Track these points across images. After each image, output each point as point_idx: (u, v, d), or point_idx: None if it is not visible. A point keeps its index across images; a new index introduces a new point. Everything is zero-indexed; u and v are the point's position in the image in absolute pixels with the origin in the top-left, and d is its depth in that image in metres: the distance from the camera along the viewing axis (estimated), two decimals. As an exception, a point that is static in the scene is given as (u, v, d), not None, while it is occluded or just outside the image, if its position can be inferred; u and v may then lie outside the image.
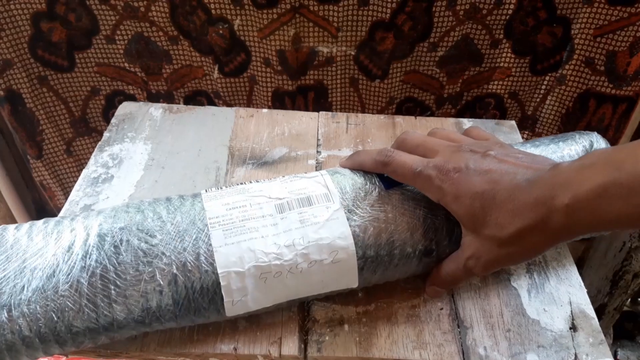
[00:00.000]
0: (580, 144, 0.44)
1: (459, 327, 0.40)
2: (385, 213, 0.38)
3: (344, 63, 0.68)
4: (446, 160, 0.35)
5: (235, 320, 0.39)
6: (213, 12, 0.63)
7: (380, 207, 0.38)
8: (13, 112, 0.70)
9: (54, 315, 0.32)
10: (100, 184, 0.50)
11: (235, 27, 0.65)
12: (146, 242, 0.35)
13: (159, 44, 0.67)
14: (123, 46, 0.67)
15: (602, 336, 0.40)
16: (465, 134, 0.42)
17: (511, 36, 0.66)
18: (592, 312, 0.41)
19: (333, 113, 0.60)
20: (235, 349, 0.37)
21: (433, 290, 0.40)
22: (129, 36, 0.66)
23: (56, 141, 0.74)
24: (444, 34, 0.65)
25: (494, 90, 0.72)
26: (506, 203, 0.32)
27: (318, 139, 0.56)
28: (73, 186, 0.50)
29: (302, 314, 0.40)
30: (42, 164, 0.75)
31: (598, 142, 0.44)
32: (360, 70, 0.68)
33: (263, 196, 0.38)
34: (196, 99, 0.73)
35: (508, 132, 0.59)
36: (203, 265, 0.34)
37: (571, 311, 0.41)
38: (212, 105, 0.73)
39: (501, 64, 0.69)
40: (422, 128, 0.58)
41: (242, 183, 0.41)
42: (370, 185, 0.39)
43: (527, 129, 0.75)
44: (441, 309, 0.41)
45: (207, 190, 0.39)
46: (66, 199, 0.49)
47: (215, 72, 0.69)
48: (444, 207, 0.37)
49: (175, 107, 0.60)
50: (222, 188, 0.40)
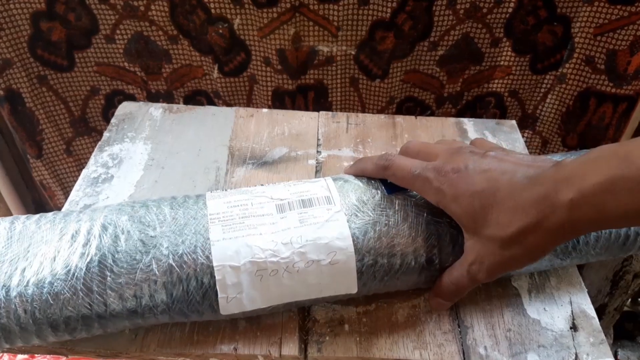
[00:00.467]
0: None
1: (459, 327, 0.40)
2: (387, 217, 0.38)
3: (344, 62, 0.67)
4: (445, 161, 0.35)
5: (235, 321, 0.39)
6: (213, 11, 0.63)
7: (382, 212, 0.38)
8: (13, 111, 0.70)
9: (49, 298, 0.32)
10: (100, 184, 0.50)
11: (235, 27, 0.65)
12: (146, 234, 0.35)
13: (159, 43, 0.67)
14: (123, 46, 0.67)
15: (603, 336, 0.40)
16: (471, 144, 0.41)
17: (511, 35, 0.66)
18: (592, 312, 0.41)
19: (333, 113, 0.60)
20: (235, 349, 0.37)
21: (437, 303, 0.39)
22: (129, 35, 0.66)
23: (56, 141, 0.74)
24: (444, 33, 0.65)
25: (494, 89, 0.71)
26: (507, 201, 0.31)
27: (318, 139, 0.56)
28: (73, 186, 0.50)
29: (302, 314, 0.40)
30: (42, 163, 0.75)
31: None
32: (361, 69, 0.68)
33: (265, 197, 0.38)
34: (196, 99, 0.73)
35: (508, 132, 0.59)
36: (199, 258, 0.34)
37: (572, 311, 0.41)
38: (211, 105, 0.73)
39: (501, 63, 0.69)
40: (423, 128, 0.58)
41: (247, 187, 0.41)
42: (373, 190, 0.39)
43: (528, 128, 0.75)
44: (442, 308, 0.41)
45: (211, 191, 0.40)
46: (66, 198, 0.49)
47: (215, 71, 0.69)
48: (447, 215, 0.36)
49: (175, 107, 0.60)
50: (226, 190, 0.40)
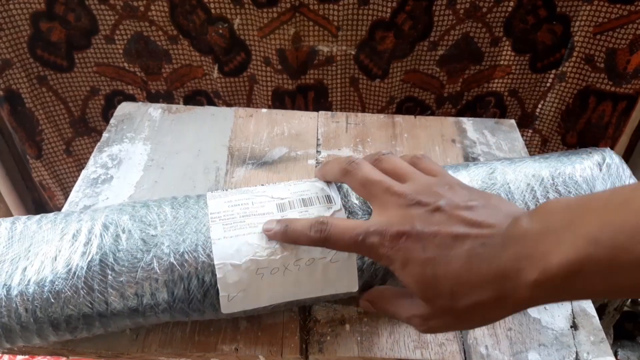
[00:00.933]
0: (591, 159, 0.42)
1: (460, 327, 0.40)
2: None
3: (344, 62, 0.67)
4: (389, 222, 0.31)
5: (237, 321, 0.39)
6: (213, 11, 0.63)
7: None
8: (12, 112, 0.70)
9: (50, 297, 0.33)
10: (100, 184, 0.49)
11: (235, 27, 0.64)
12: (147, 233, 0.35)
13: (159, 43, 0.67)
14: (122, 46, 0.67)
15: (603, 334, 0.40)
16: (412, 163, 0.36)
17: (511, 34, 0.66)
18: (592, 311, 0.41)
19: (332, 113, 0.60)
20: (236, 349, 0.37)
21: (366, 305, 0.37)
22: (129, 36, 0.66)
23: (56, 141, 0.74)
24: (444, 32, 0.65)
25: (494, 89, 0.71)
26: (461, 272, 0.29)
27: (318, 139, 0.56)
28: (72, 186, 0.50)
29: (303, 314, 0.40)
30: (41, 163, 0.75)
31: (612, 158, 0.43)
32: (361, 69, 0.68)
33: (265, 196, 0.38)
34: (196, 99, 0.73)
35: (508, 131, 0.59)
36: (200, 257, 0.34)
37: (572, 310, 0.41)
38: (211, 105, 0.73)
39: (501, 62, 0.69)
40: (422, 127, 0.58)
41: (248, 187, 0.41)
42: None
43: (528, 127, 0.75)
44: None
45: (212, 192, 0.40)
46: (66, 199, 0.49)
47: (215, 71, 0.69)
48: None
49: (174, 107, 0.60)
50: (227, 190, 0.40)
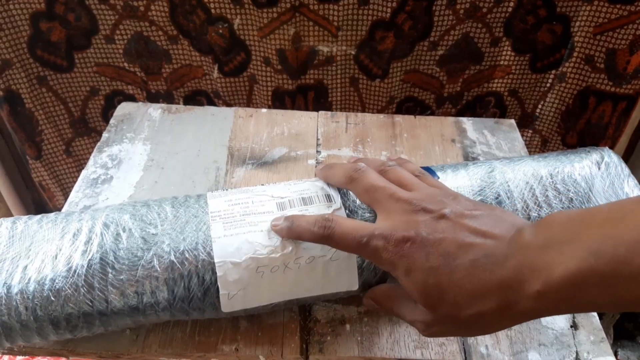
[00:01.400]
0: (590, 158, 0.42)
1: (460, 327, 0.40)
2: None
3: (344, 62, 0.67)
4: (394, 227, 0.32)
5: (237, 321, 0.39)
6: (213, 11, 0.63)
7: None
8: (12, 112, 0.69)
9: (50, 295, 0.33)
10: (100, 185, 0.49)
11: (235, 27, 0.64)
12: (147, 232, 0.36)
13: (159, 43, 0.67)
14: (122, 46, 0.67)
15: (603, 334, 0.40)
16: (415, 177, 0.36)
17: (511, 34, 0.66)
18: (593, 311, 0.41)
19: (332, 112, 0.60)
20: (236, 349, 0.37)
21: (370, 303, 0.37)
22: (129, 36, 0.66)
23: (55, 141, 0.74)
24: (444, 32, 0.65)
25: (494, 89, 0.71)
26: (465, 282, 0.29)
27: (318, 139, 0.56)
28: (72, 186, 0.50)
29: (303, 314, 0.40)
30: (41, 164, 0.75)
31: (610, 157, 0.43)
32: (361, 69, 0.68)
33: (265, 195, 0.38)
34: (196, 99, 0.73)
35: (507, 131, 0.59)
36: (201, 255, 0.35)
37: (572, 310, 0.41)
38: (211, 105, 0.73)
39: (501, 62, 0.69)
40: (422, 127, 0.58)
41: (248, 186, 0.41)
42: None
43: (528, 127, 0.75)
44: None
45: (212, 191, 0.40)
46: (65, 199, 0.49)
47: (215, 71, 0.69)
48: None
49: (174, 107, 0.60)
50: (227, 189, 0.40)
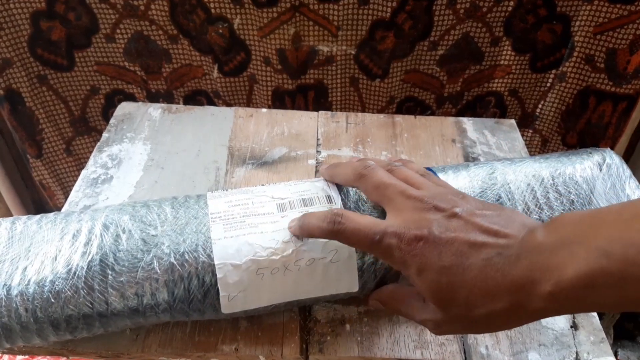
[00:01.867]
0: (591, 159, 0.42)
1: (460, 327, 0.40)
2: None
3: (344, 62, 0.67)
4: (406, 225, 0.32)
5: (237, 321, 0.39)
6: (213, 11, 0.63)
7: (383, 211, 0.38)
8: (12, 111, 0.69)
9: (50, 297, 0.33)
10: (100, 184, 0.49)
11: (235, 26, 0.64)
12: (147, 233, 0.35)
13: (159, 43, 0.67)
14: (123, 45, 0.67)
15: (603, 334, 0.40)
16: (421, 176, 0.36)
17: (511, 34, 0.66)
18: (593, 311, 0.41)
19: (333, 112, 0.60)
20: (236, 349, 0.37)
21: (376, 304, 0.37)
22: (129, 35, 0.66)
23: (56, 140, 0.74)
24: (444, 32, 0.65)
25: (494, 89, 0.71)
26: (477, 282, 0.29)
27: (318, 139, 0.56)
28: (72, 186, 0.50)
29: (303, 314, 0.40)
30: (41, 163, 0.75)
31: (612, 158, 0.42)
32: (361, 69, 0.68)
33: (266, 196, 0.38)
34: (196, 99, 0.73)
35: (508, 131, 0.59)
36: (201, 257, 0.34)
37: (572, 310, 0.41)
38: (211, 104, 0.73)
39: (501, 62, 0.69)
40: (422, 127, 0.58)
41: (248, 187, 0.41)
42: None
43: (528, 127, 0.75)
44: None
45: (212, 191, 0.40)
46: (66, 198, 0.49)
47: (215, 71, 0.69)
48: None
49: (174, 107, 0.60)
50: (227, 189, 0.40)
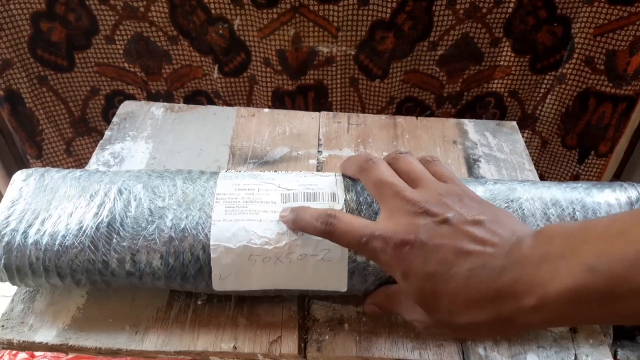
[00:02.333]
0: (623, 194, 0.40)
1: (459, 327, 0.40)
2: None
3: (344, 63, 0.67)
4: (394, 229, 0.31)
5: (236, 319, 0.39)
6: (213, 11, 0.63)
7: None
8: (13, 112, 0.70)
9: (60, 249, 0.35)
10: (101, 183, 0.50)
11: (235, 27, 0.65)
12: (155, 204, 0.37)
13: (159, 44, 0.67)
14: (123, 46, 0.67)
15: (602, 337, 0.40)
16: (423, 164, 0.36)
17: (511, 35, 0.66)
18: (592, 312, 0.41)
19: (334, 113, 0.60)
20: (235, 347, 0.37)
21: (372, 309, 0.38)
22: (129, 36, 0.66)
23: (56, 141, 0.74)
24: (444, 33, 0.65)
25: (494, 89, 0.72)
26: (461, 291, 0.29)
27: (319, 139, 0.56)
28: (73, 186, 0.50)
29: (302, 313, 0.40)
30: (42, 163, 0.75)
31: None
32: (361, 69, 0.68)
33: (273, 184, 0.39)
34: (196, 99, 0.73)
35: (509, 133, 0.59)
36: (199, 235, 0.36)
37: (571, 310, 0.41)
38: (211, 105, 0.73)
39: (501, 63, 0.69)
40: (423, 128, 0.58)
41: (260, 172, 0.42)
42: None
43: (527, 128, 0.75)
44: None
45: (226, 171, 0.40)
46: (66, 198, 0.49)
47: (215, 72, 0.69)
48: None
49: (176, 106, 0.60)
50: (240, 171, 0.41)
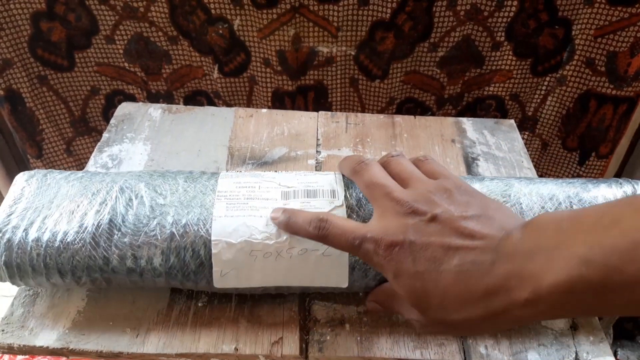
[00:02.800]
0: (619, 189, 0.41)
1: (460, 327, 0.40)
2: None
3: (344, 63, 0.67)
4: (385, 231, 0.32)
5: (237, 320, 0.39)
6: (213, 12, 0.63)
7: None
8: (13, 111, 0.70)
9: (60, 246, 0.35)
10: (100, 183, 0.49)
11: (235, 27, 0.65)
12: (156, 202, 0.38)
13: (159, 44, 0.67)
14: (122, 46, 0.67)
15: (603, 334, 0.40)
16: (415, 165, 0.37)
17: (512, 38, 0.66)
18: (593, 312, 0.41)
19: (332, 113, 0.60)
20: (236, 349, 0.37)
21: (374, 306, 0.38)
22: (129, 36, 0.66)
23: (56, 141, 0.74)
24: (444, 34, 0.65)
25: (494, 92, 0.71)
26: (451, 287, 0.29)
27: (318, 139, 0.56)
28: (73, 186, 0.49)
29: (303, 314, 0.40)
30: (42, 163, 0.75)
31: None
32: (360, 70, 0.68)
33: (274, 182, 0.39)
34: (196, 99, 0.73)
35: (507, 131, 0.59)
36: (200, 231, 0.36)
37: (572, 311, 0.41)
38: (211, 105, 0.73)
39: (502, 67, 0.69)
40: (422, 127, 0.58)
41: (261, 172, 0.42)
42: None
43: (528, 130, 0.75)
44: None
45: (227, 171, 0.40)
46: (66, 198, 0.49)
47: (215, 72, 0.69)
48: None
49: (174, 107, 0.60)
50: (241, 172, 0.41)
